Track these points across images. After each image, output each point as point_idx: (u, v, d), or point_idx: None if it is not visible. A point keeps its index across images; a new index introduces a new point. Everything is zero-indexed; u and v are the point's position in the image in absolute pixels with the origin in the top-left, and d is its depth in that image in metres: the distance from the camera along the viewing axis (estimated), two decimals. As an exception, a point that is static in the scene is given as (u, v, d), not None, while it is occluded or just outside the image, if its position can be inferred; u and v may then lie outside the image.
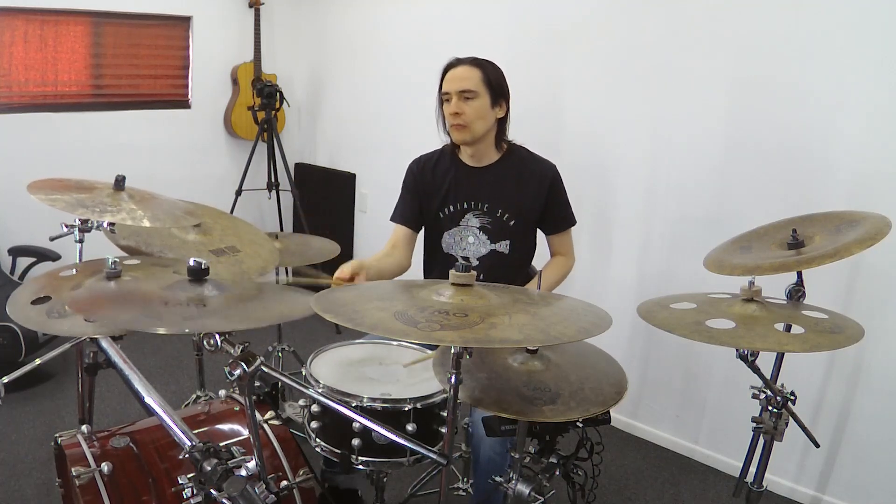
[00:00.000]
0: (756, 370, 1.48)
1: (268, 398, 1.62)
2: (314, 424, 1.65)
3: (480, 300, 1.29)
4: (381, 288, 1.48)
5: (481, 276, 2.10)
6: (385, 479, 1.86)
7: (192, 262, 1.26)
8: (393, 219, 2.25)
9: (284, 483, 1.58)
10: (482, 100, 2.04)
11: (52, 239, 1.78)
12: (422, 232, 2.25)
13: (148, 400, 1.09)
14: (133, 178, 1.76)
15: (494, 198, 2.13)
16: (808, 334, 1.32)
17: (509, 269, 2.15)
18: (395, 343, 1.92)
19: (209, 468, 1.00)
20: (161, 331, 1.06)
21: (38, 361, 1.55)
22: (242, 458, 1.06)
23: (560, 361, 1.51)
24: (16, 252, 3.39)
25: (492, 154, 2.15)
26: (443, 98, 2.08)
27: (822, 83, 2.29)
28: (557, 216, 2.19)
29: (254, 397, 1.22)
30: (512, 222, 2.13)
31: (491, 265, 2.12)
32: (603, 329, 1.25)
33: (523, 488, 1.46)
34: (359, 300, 1.32)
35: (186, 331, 1.12)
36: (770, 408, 1.55)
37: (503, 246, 2.14)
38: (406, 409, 1.58)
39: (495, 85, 2.07)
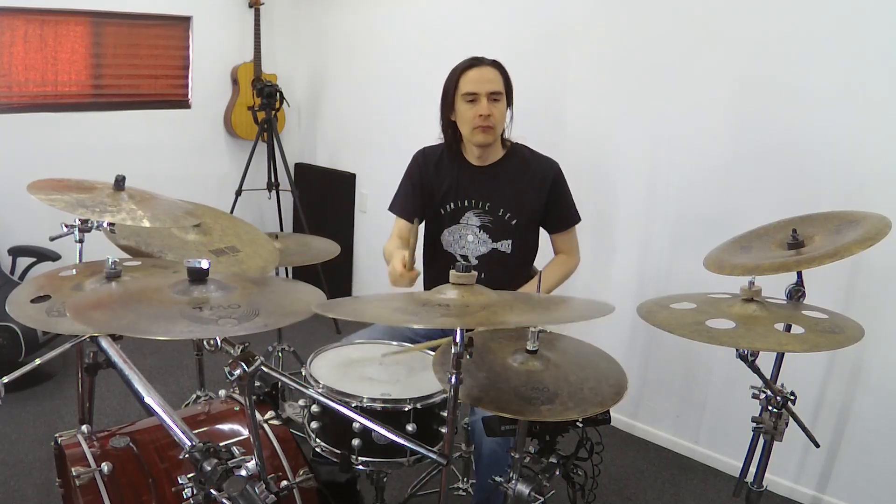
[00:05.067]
0: (756, 370, 1.49)
1: (268, 398, 1.62)
2: (314, 424, 1.65)
3: (481, 297, 1.29)
4: (383, 296, 1.48)
5: (482, 276, 2.12)
6: (385, 479, 1.87)
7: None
8: (393, 209, 2.23)
9: (284, 483, 1.58)
10: (504, 102, 2.07)
11: (52, 239, 1.78)
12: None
13: (148, 400, 1.09)
14: (133, 178, 1.76)
15: (496, 197, 2.13)
16: (808, 334, 1.32)
17: (510, 268, 2.15)
18: (394, 343, 1.93)
19: (209, 468, 0.99)
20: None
21: (38, 361, 1.55)
22: (242, 458, 1.05)
23: (560, 362, 1.51)
24: (16, 252, 3.38)
25: (497, 153, 2.16)
26: (465, 98, 2.05)
27: (822, 83, 2.29)
28: (560, 214, 2.19)
29: (254, 397, 1.22)
30: (514, 221, 2.13)
31: (491, 264, 2.12)
32: (604, 313, 1.24)
33: (523, 488, 1.46)
34: (360, 303, 1.32)
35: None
36: (770, 408, 1.55)
37: (505, 245, 2.14)
38: (406, 409, 1.58)
39: (511, 87, 2.10)
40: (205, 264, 1.23)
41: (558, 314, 1.20)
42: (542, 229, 2.23)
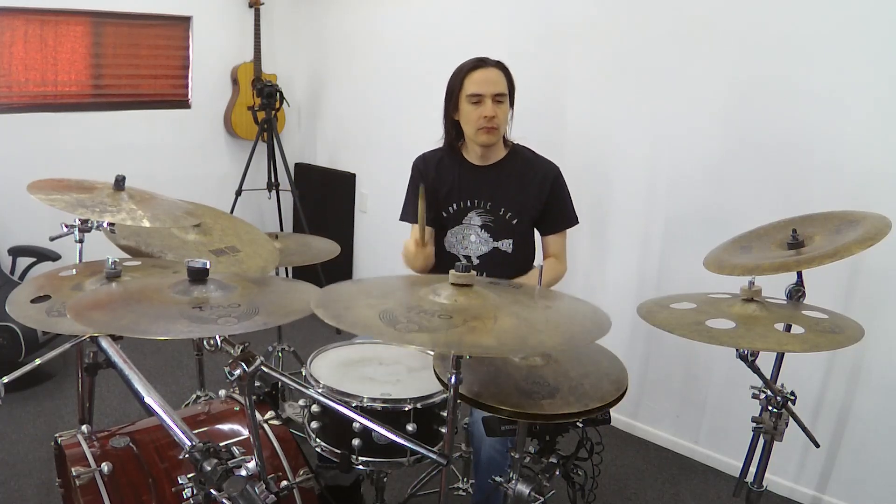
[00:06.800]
0: (756, 370, 1.49)
1: (268, 398, 1.62)
2: (314, 424, 1.65)
3: (476, 300, 1.28)
4: (385, 284, 1.48)
5: (483, 275, 2.12)
6: (385, 479, 1.87)
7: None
8: (406, 218, 2.23)
9: (284, 483, 1.58)
10: (507, 103, 2.09)
11: (52, 239, 1.78)
12: None
13: (148, 400, 1.09)
14: (133, 178, 1.76)
15: (497, 196, 2.13)
16: (808, 334, 1.32)
17: (511, 267, 2.16)
18: (394, 343, 1.92)
19: (209, 468, 0.99)
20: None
21: (38, 361, 1.55)
22: (242, 458, 1.05)
23: (560, 358, 1.51)
24: (16, 252, 3.39)
25: (499, 153, 2.17)
26: (470, 99, 2.06)
27: (822, 83, 2.29)
28: (556, 216, 2.19)
29: (254, 397, 1.22)
30: (514, 221, 2.13)
31: (493, 263, 2.13)
32: (592, 339, 1.24)
33: (523, 488, 1.46)
34: (357, 295, 1.32)
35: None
36: (770, 408, 1.55)
37: (506, 244, 2.15)
38: (406, 409, 1.58)
39: (513, 88, 2.11)
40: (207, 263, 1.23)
41: (548, 338, 1.18)
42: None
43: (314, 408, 1.66)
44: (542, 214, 2.17)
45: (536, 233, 2.23)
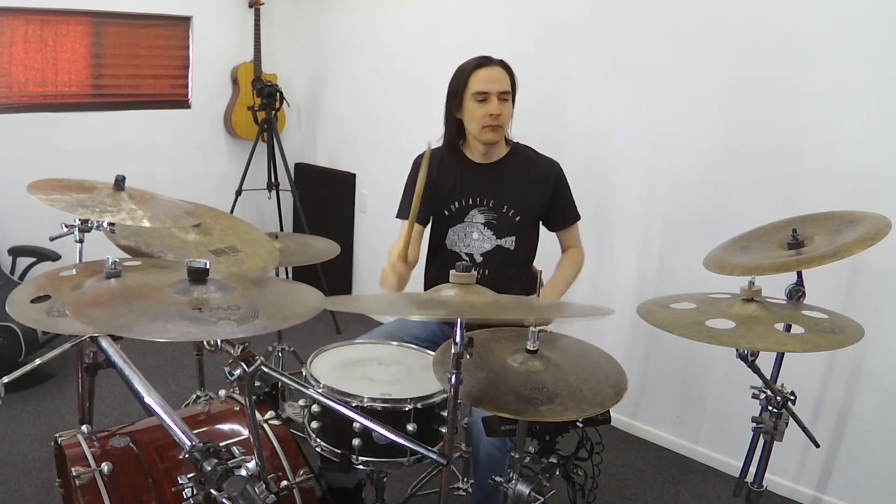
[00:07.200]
0: (756, 370, 1.49)
1: (268, 398, 1.62)
2: (314, 424, 1.65)
3: (480, 297, 1.28)
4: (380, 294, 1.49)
5: (486, 272, 2.12)
6: (385, 479, 1.87)
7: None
8: (403, 216, 2.23)
9: (284, 483, 1.58)
10: (510, 101, 2.10)
11: (52, 239, 1.78)
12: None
13: (148, 400, 1.09)
14: (133, 178, 1.76)
15: (500, 194, 2.14)
16: (808, 334, 1.32)
17: (514, 265, 2.17)
18: (394, 343, 1.93)
19: (209, 468, 0.99)
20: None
21: (38, 361, 1.55)
22: (242, 458, 1.05)
23: (560, 362, 1.51)
24: (16, 252, 3.38)
25: (501, 151, 2.18)
26: (475, 97, 2.06)
27: (822, 83, 2.29)
28: (563, 213, 2.22)
29: (254, 397, 1.22)
30: (518, 218, 2.14)
31: (496, 261, 2.14)
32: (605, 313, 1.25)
33: (523, 488, 1.47)
34: (358, 299, 1.32)
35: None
36: (770, 408, 1.55)
37: (509, 242, 2.15)
38: (406, 409, 1.58)
39: (516, 86, 2.13)
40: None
41: (559, 311, 1.20)
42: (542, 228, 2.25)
43: (314, 408, 1.66)
44: (546, 212, 2.19)
45: (536, 231, 2.24)
